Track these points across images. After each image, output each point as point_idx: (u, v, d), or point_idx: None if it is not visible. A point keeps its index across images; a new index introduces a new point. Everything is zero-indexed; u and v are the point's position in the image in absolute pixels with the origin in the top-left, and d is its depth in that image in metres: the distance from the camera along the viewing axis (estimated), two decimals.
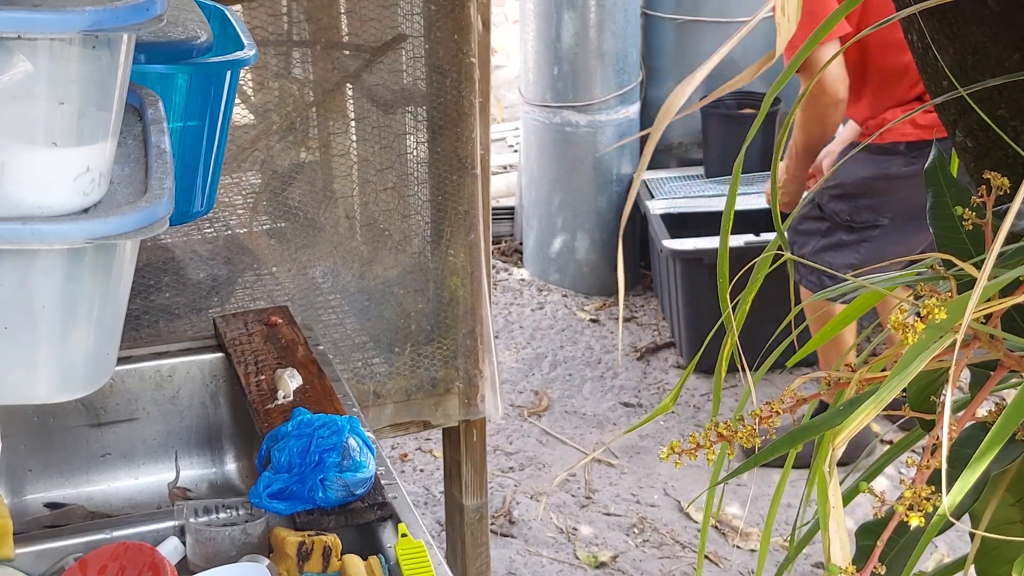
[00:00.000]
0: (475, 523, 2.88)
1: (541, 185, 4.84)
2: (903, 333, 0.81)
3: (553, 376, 4.24)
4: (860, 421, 0.85)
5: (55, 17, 1.05)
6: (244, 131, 2.60)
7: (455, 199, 2.63)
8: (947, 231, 1.06)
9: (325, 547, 1.57)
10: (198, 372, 2.08)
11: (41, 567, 1.61)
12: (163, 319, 2.51)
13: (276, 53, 2.62)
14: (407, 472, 3.70)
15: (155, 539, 1.64)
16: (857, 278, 1.05)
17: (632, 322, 4.59)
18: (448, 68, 2.53)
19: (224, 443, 2.10)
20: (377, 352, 2.71)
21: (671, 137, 4.84)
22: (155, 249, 2.59)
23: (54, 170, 1.12)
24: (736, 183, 1.08)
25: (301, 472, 1.67)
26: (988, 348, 0.91)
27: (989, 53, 1.13)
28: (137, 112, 1.38)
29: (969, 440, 0.97)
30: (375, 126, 2.66)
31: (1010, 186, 1.02)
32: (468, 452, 2.83)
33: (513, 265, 5.08)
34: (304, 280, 2.69)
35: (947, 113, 1.22)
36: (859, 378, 0.95)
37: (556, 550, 3.31)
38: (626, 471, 3.66)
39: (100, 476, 2.03)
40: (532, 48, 4.71)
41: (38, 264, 1.14)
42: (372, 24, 2.54)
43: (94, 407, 2.01)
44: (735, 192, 1.07)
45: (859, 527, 1.01)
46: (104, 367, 1.27)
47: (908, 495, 0.80)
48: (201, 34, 1.67)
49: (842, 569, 0.82)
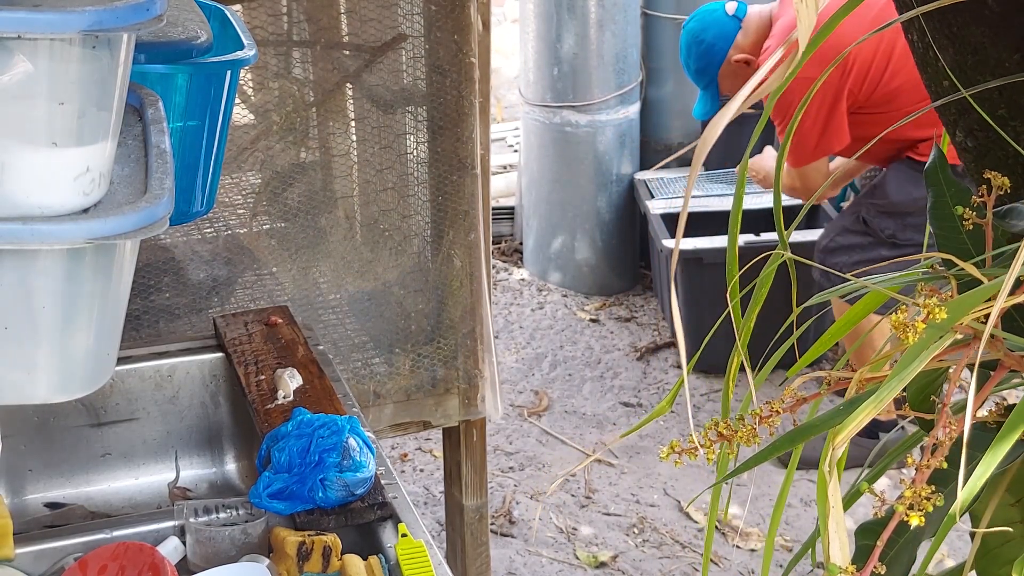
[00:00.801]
0: (475, 523, 2.88)
1: (541, 185, 4.84)
2: (903, 333, 0.81)
3: (553, 376, 4.24)
4: (860, 421, 0.85)
5: (55, 17, 1.05)
6: (244, 131, 2.60)
7: (455, 199, 2.63)
8: (947, 231, 1.06)
9: (325, 547, 1.57)
10: (198, 372, 2.08)
11: (41, 567, 1.61)
12: (163, 319, 2.51)
13: (276, 53, 2.62)
14: (407, 472, 3.70)
15: (155, 539, 1.64)
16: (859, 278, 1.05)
17: (632, 322, 4.59)
18: (448, 68, 2.53)
19: (224, 443, 2.10)
20: (377, 352, 2.71)
21: (671, 137, 4.84)
22: (155, 249, 2.59)
23: (54, 170, 1.12)
24: (742, 184, 1.07)
25: (301, 472, 1.67)
26: (988, 348, 0.91)
27: (989, 53, 1.13)
28: (137, 112, 1.38)
29: (969, 440, 0.97)
30: (375, 126, 2.66)
31: (1010, 186, 1.02)
32: (468, 452, 2.83)
33: (513, 265, 5.08)
34: (304, 280, 2.69)
35: (947, 113, 1.22)
36: (859, 378, 0.95)
37: (556, 550, 3.31)
38: (626, 471, 3.66)
39: (100, 476, 2.03)
40: (532, 48, 4.71)
41: (38, 264, 1.14)
42: (372, 24, 2.54)
43: (94, 407, 2.01)
44: (741, 195, 1.06)
45: (859, 527, 1.01)
46: (104, 367, 1.27)
47: (908, 495, 0.81)
48: (201, 34, 1.66)
49: (842, 569, 0.82)
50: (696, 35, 3.57)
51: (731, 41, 3.52)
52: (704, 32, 3.55)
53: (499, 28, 6.93)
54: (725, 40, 3.53)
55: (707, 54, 3.56)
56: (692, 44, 3.58)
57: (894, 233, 3.38)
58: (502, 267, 5.06)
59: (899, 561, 0.99)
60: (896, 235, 3.37)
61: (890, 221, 3.38)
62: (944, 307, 0.81)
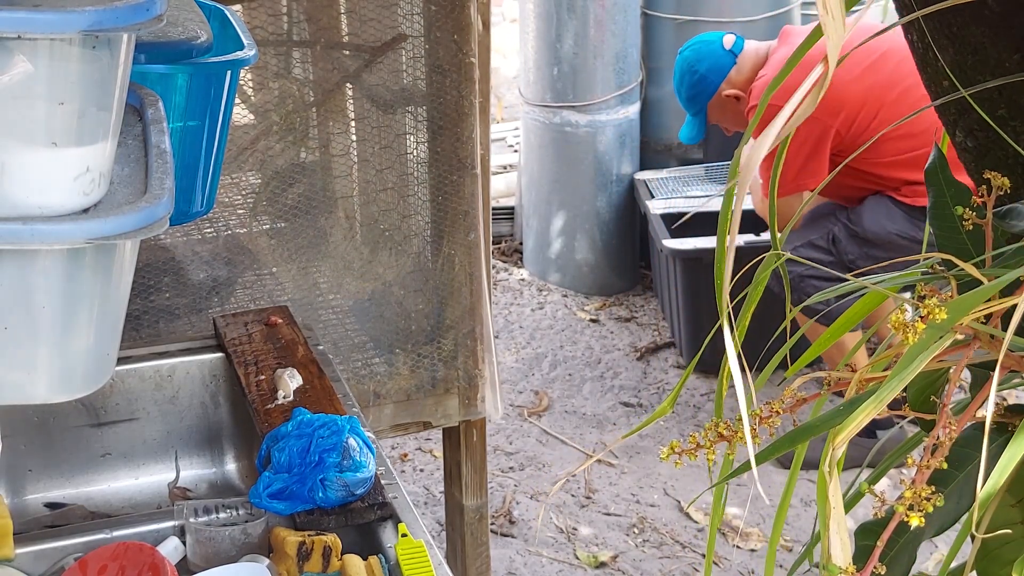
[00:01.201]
0: (475, 523, 2.88)
1: (541, 185, 4.84)
2: (903, 333, 0.81)
3: (553, 376, 4.24)
4: (860, 421, 0.85)
5: (55, 17, 1.04)
6: (244, 131, 2.60)
7: (455, 199, 2.63)
8: (947, 231, 1.06)
9: (325, 547, 1.57)
10: (198, 372, 2.08)
11: (41, 567, 1.61)
12: (163, 319, 2.51)
13: (276, 53, 2.62)
14: (407, 472, 3.70)
15: (155, 539, 1.64)
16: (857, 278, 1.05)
17: (632, 322, 4.59)
18: (448, 68, 2.53)
19: (224, 443, 2.10)
20: (377, 352, 2.70)
21: (671, 137, 4.84)
22: (155, 249, 2.59)
23: (54, 170, 1.11)
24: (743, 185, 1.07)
25: (301, 472, 1.67)
26: (988, 348, 0.91)
27: (989, 53, 1.13)
28: (137, 112, 1.38)
29: (969, 440, 0.97)
30: (375, 126, 2.66)
31: (1010, 186, 1.02)
32: (468, 452, 2.83)
33: (513, 265, 5.08)
34: (304, 280, 2.69)
35: (947, 113, 1.22)
36: (859, 378, 0.95)
37: (556, 550, 3.31)
38: (626, 471, 3.66)
39: (100, 476, 2.03)
40: (532, 48, 4.71)
41: (38, 264, 1.14)
42: (372, 24, 2.54)
43: (94, 407, 2.01)
44: (731, 194, 1.06)
45: (859, 527, 1.01)
46: (104, 367, 1.27)
47: (908, 495, 0.81)
48: (201, 34, 1.66)
49: (842, 569, 0.82)
50: (691, 65, 3.62)
51: (724, 75, 3.58)
52: (699, 63, 3.60)
53: (497, 27, 6.93)
54: (718, 74, 3.58)
55: (699, 84, 3.61)
56: (686, 73, 3.63)
57: (855, 260, 3.41)
58: (502, 267, 5.06)
59: (899, 561, 0.99)
60: (856, 262, 3.40)
61: (855, 247, 3.41)
62: (944, 307, 0.81)
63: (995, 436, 0.96)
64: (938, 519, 0.94)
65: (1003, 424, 0.97)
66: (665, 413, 1.11)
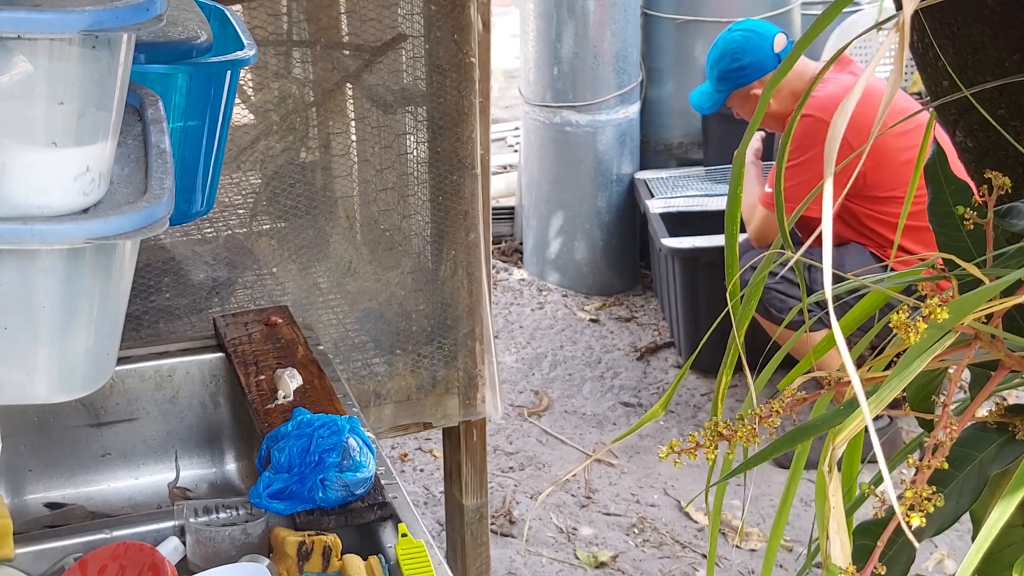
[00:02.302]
0: (475, 523, 2.88)
1: (541, 185, 4.84)
2: (904, 333, 0.81)
3: (553, 376, 4.24)
4: (860, 421, 0.85)
5: (55, 17, 1.04)
6: (244, 131, 2.60)
7: (455, 199, 2.63)
8: (948, 230, 1.06)
9: (325, 547, 1.57)
10: (198, 372, 2.08)
11: (41, 567, 1.61)
12: (163, 319, 2.51)
13: (276, 53, 2.62)
14: (407, 472, 3.70)
15: (155, 539, 1.64)
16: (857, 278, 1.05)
17: (632, 322, 4.59)
18: (448, 68, 2.53)
19: (224, 443, 2.10)
20: (377, 352, 2.70)
21: (671, 137, 4.84)
22: (155, 249, 2.59)
23: (54, 170, 1.11)
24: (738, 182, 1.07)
25: (301, 472, 1.67)
26: (989, 348, 0.91)
27: (989, 53, 1.13)
28: (137, 112, 1.38)
29: (969, 440, 0.97)
30: (375, 126, 2.66)
31: (1011, 185, 1.02)
32: (468, 452, 2.83)
33: (513, 265, 5.08)
34: (304, 280, 2.69)
35: (947, 113, 1.22)
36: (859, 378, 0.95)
37: (556, 550, 3.31)
38: (626, 471, 3.66)
39: (100, 476, 2.03)
40: (532, 48, 4.71)
41: (38, 264, 1.14)
42: (372, 24, 2.54)
43: (94, 407, 2.01)
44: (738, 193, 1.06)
45: (859, 527, 1.01)
46: (104, 367, 1.27)
47: (908, 495, 0.80)
48: (201, 34, 1.66)
49: (842, 569, 0.81)
50: (735, 51, 3.58)
51: (763, 75, 3.55)
52: (744, 54, 3.57)
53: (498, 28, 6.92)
54: (758, 72, 3.56)
55: (736, 72, 3.59)
56: (727, 55, 3.59)
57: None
58: (502, 267, 5.06)
59: (899, 561, 0.98)
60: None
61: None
62: (945, 307, 0.81)
63: (995, 436, 0.96)
64: (938, 519, 0.94)
65: (1003, 424, 0.96)
66: (659, 415, 1.11)
